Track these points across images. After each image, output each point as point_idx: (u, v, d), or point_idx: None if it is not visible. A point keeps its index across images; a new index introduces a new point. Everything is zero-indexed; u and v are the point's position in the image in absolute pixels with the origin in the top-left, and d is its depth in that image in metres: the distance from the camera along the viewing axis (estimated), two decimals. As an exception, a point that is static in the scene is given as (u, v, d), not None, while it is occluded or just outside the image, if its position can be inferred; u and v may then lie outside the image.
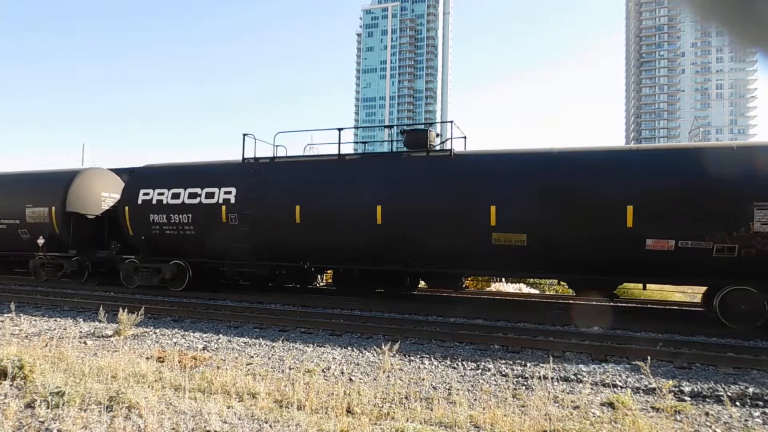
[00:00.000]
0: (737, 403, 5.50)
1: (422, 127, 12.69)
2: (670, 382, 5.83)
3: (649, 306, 13.81)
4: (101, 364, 6.19)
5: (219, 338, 8.74)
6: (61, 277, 16.43)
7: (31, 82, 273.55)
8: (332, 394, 5.31)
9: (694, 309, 13.35)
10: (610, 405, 5.33)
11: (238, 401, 5.16)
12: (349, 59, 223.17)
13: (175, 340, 8.61)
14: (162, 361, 6.82)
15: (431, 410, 4.98)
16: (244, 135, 14.30)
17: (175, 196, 14.39)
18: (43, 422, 4.42)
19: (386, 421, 4.66)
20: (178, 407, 4.85)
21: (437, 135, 13.18)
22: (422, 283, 15.94)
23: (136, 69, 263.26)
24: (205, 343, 8.40)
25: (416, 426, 4.54)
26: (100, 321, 9.34)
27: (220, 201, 13.74)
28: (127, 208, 14.97)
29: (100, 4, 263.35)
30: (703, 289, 11.95)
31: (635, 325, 10.05)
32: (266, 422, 4.58)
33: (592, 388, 5.97)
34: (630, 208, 10.28)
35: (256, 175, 13.67)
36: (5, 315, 10.23)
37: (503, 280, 17.76)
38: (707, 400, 5.72)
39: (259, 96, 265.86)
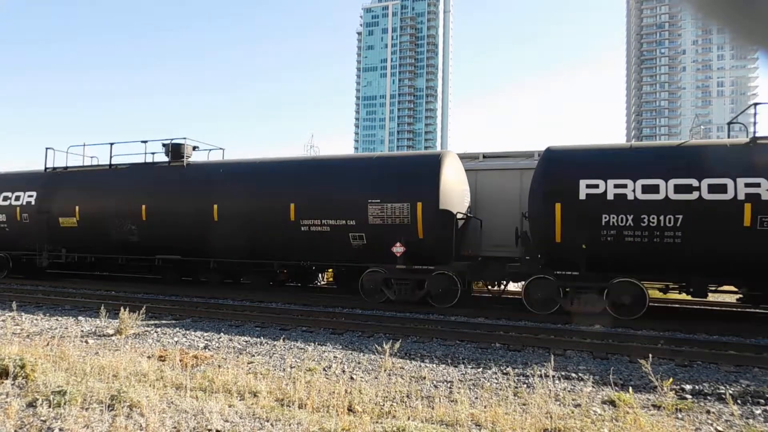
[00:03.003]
0: (739, 401, 5.49)
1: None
2: (671, 380, 5.83)
3: (649, 304, 13.77)
4: (103, 363, 6.20)
5: (220, 337, 8.75)
6: None
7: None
8: (333, 392, 5.31)
9: (696, 307, 13.35)
10: (612, 403, 5.33)
11: (240, 400, 5.16)
12: (350, 58, 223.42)
13: (176, 339, 8.62)
14: (163, 360, 6.83)
15: (432, 408, 4.98)
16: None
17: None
18: (44, 421, 4.42)
19: (387, 420, 4.66)
20: (179, 406, 4.86)
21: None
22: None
23: (137, 78, 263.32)
24: (206, 341, 8.41)
25: (417, 424, 4.54)
26: (101, 320, 9.35)
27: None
28: None
29: (104, 18, 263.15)
30: None
31: (636, 324, 10.04)
32: (268, 421, 4.58)
33: (593, 386, 5.97)
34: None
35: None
36: (7, 314, 10.26)
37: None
38: (709, 397, 5.72)
39: (259, 100, 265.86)
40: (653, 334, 9.20)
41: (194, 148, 15.77)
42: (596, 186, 10.58)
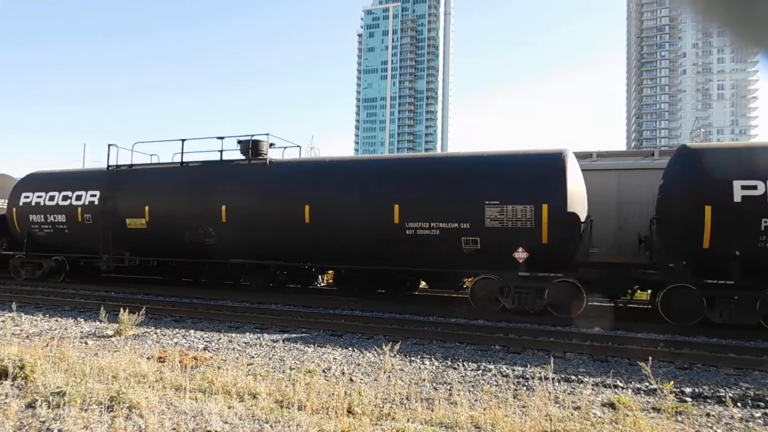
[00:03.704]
0: (738, 404, 5.49)
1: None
2: (671, 382, 5.82)
3: (649, 306, 13.78)
4: (102, 364, 6.20)
5: (220, 338, 8.75)
6: None
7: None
8: (333, 394, 5.30)
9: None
10: (611, 405, 5.33)
11: (239, 401, 5.16)
12: (350, 60, 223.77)
13: (176, 340, 8.61)
14: (163, 361, 6.82)
15: (432, 410, 4.98)
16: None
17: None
18: (44, 422, 4.42)
19: (387, 422, 4.66)
20: (178, 407, 4.86)
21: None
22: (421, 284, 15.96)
23: (139, 79, 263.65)
24: (205, 343, 8.40)
25: (417, 426, 4.54)
26: (101, 321, 9.35)
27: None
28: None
29: (103, 18, 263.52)
30: None
31: (636, 326, 10.04)
32: (267, 422, 4.58)
33: (593, 389, 5.96)
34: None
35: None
36: (6, 315, 10.25)
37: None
38: (708, 400, 5.71)
39: (259, 102, 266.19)
40: (653, 336, 9.18)
41: (271, 144, 14.78)
42: (754, 187, 9.78)
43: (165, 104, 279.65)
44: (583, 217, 11.57)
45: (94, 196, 15.59)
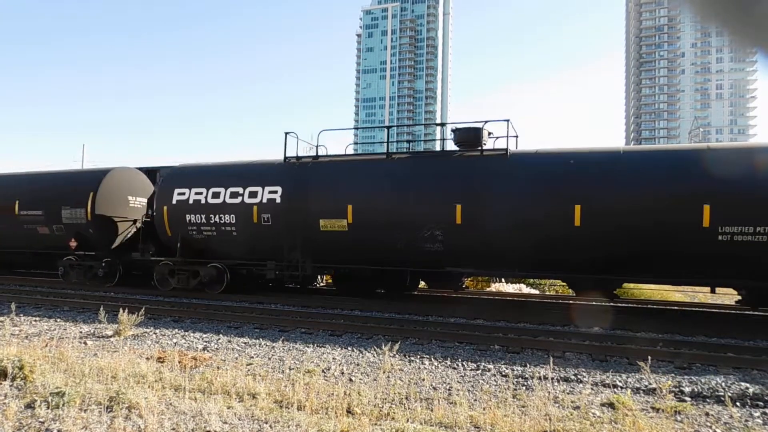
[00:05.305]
0: (737, 404, 5.50)
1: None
2: (670, 382, 5.83)
3: (648, 306, 13.81)
4: (101, 365, 6.19)
5: (219, 338, 8.74)
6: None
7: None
8: (332, 394, 5.30)
9: (693, 309, 13.36)
10: (611, 405, 5.33)
11: (238, 401, 5.16)
12: (349, 60, 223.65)
13: (175, 340, 8.60)
14: (162, 362, 6.82)
15: (431, 410, 4.98)
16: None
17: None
18: (43, 422, 4.41)
19: (386, 422, 4.66)
20: (178, 407, 4.85)
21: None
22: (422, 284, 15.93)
23: (141, 79, 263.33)
24: (205, 343, 8.40)
25: (416, 426, 4.54)
26: (100, 321, 9.33)
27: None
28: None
29: (110, 16, 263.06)
30: None
31: (635, 326, 10.04)
32: (266, 422, 4.58)
33: (592, 389, 5.96)
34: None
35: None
36: (5, 315, 10.22)
37: (503, 280, 17.76)
38: (707, 400, 5.72)
39: (260, 104, 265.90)
40: (652, 336, 9.18)
41: (489, 134, 12.66)
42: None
43: (164, 105, 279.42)
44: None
45: (275, 192, 13.19)
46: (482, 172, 11.86)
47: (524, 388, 6.03)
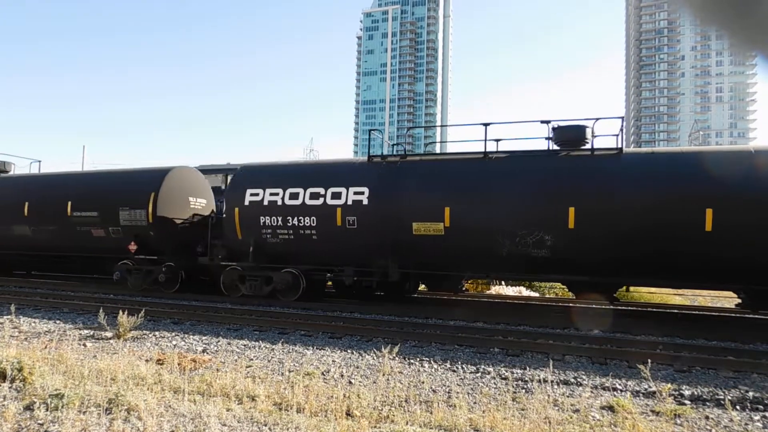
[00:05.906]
0: (737, 407, 5.48)
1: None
2: (670, 385, 5.82)
3: (648, 309, 13.79)
4: (101, 367, 6.18)
5: (218, 341, 8.72)
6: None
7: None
8: (332, 396, 5.30)
9: (694, 312, 13.35)
10: (610, 408, 5.32)
11: (238, 404, 5.15)
12: (350, 62, 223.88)
13: (174, 342, 8.59)
14: (161, 364, 6.81)
15: (431, 413, 4.97)
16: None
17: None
18: (42, 424, 4.41)
19: (386, 424, 4.65)
20: (177, 410, 4.85)
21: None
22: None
23: (142, 81, 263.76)
24: (204, 345, 8.39)
25: (416, 429, 4.54)
26: (99, 323, 9.32)
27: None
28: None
29: (114, 18, 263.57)
30: None
31: (635, 328, 10.03)
32: (265, 425, 4.57)
33: (592, 392, 5.96)
34: None
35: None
36: (5, 317, 10.21)
37: (502, 282, 17.73)
38: (707, 403, 5.71)
39: (259, 104, 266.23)
40: (652, 339, 9.18)
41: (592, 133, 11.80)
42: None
43: (164, 106, 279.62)
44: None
45: (361, 193, 12.36)
46: (595, 172, 11.10)
47: (524, 391, 6.02)
